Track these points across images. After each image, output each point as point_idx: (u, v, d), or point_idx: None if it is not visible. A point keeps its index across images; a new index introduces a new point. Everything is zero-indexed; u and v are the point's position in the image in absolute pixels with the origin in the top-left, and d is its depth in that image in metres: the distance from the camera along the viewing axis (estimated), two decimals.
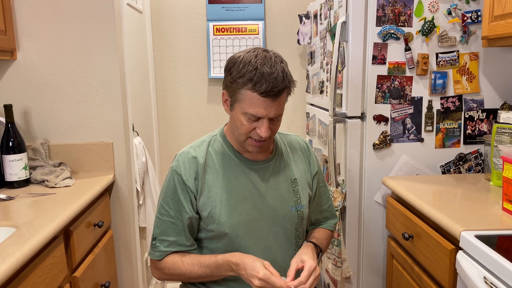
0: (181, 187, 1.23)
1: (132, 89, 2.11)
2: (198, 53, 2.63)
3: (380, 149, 1.76)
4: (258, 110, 1.14)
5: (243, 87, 1.13)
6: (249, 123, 1.16)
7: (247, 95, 1.13)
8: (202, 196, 1.23)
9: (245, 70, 1.12)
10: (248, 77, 1.11)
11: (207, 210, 1.22)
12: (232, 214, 1.22)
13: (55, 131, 1.84)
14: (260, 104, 1.13)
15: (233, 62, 1.17)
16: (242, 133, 1.18)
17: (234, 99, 1.17)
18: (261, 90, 1.11)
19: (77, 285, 1.42)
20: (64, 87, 1.82)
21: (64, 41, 1.79)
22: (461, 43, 1.71)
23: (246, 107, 1.14)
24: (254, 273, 1.10)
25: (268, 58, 1.15)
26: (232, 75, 1.15)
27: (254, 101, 1.13)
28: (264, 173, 1.28)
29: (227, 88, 1.19)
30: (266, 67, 1.12)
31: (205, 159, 1.25)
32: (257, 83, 1.11)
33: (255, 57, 1.14)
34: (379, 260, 1.82)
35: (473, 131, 1.77)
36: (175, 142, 2.69)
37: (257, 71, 1.11)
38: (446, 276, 1.24)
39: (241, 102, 1.15)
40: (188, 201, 1.23)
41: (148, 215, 2.16)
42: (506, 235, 1.13)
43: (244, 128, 1.17)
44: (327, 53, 2.01)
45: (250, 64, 1.13)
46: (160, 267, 1.26)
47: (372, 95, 1.73)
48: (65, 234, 1.40)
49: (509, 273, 0.93)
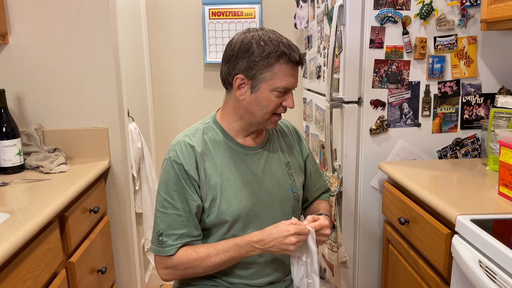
0: (184, 177, 1.20)
1: (127, 74, 2.08)
2: (193, 38, 2.60)
3: (376, 134, 1.75)
4: (290, 80, 1.18)
5: (276, 62, 1.15)
6: (278, 97, 1.19)
7: (280, 69, 1.16)
8: (204, 186, 1.21)
9: (272, 46, 1.15)
10: (280, 50, 1.15)
11: (209, 199, 1.21)
12: (232, 202, 1.21)
13: (49, 117, 1.82)
14: (292, 74, 1.18)
15: (247, 44, 1.16)
16: (269, 111, 1.20)
17: (260, 78, 1.17)
18: (296, 59, 1.17)
19: (73, 270, 1.42)
20: (57, 71, 1.80)
21: (57, 25, 1.76)
22: (460, 27, 1.69)
23: (278, 81, 1.17)
24: (285, 233, 1.11)
25: (276, 33, 1.20)
26: (255, 55, 1.15)
27: (287, 72, 1.17)
28: (260, 158, 1.28)
29: (246, 71, 1.17)
30: (284, 39, 1.18)
31: (202, 147, 1.23)
32: (290, 54, 1.16)
33: (267, 33, 1.19)
34: (375, 245, 1.83)
35: (470, 116, 1.76)
36: (171, 127, 2.67)
37: (283, 44, 1.16)
38: (442, 260, 1.24)
39: (270, 79, 1.17)
40: (193, 190, 1.21)
41: (144, 201, 2.16)
42: (502, 219, 1.13)
43: (273, 105, 1.20)
44: (324, 37, 1.98)
45: (271, 40, 1.16)
46: (172, 265, 1.20)
47: (369, 80, 1.71)
48: (60, 220, 1.39)
49: (504, 256, 0.93)
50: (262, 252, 1.16)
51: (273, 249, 1.13)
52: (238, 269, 1.25)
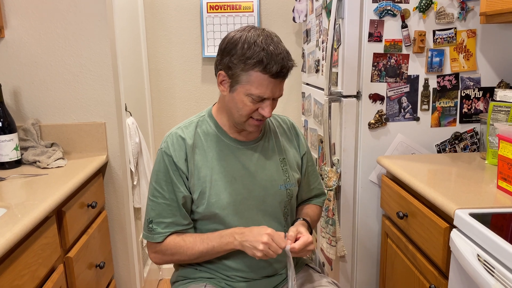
0: (172, 168, 1.22)
1: (124, 68, 2.07)
2: (191, 32, 2.58)
3: (375, 128, 1.74)
4: (266, 91, 1.13)
5: (252, 69, 1.11)
6: (253, 104, 1.15)
7: (255, 77, 1.11)
8: (193, 178, 1.22)
9: (252, 51, 1.10)
10: (258, 58, 1.09)
11: (197, 191, 1.22)
12: (221, 195, 1.22)
13: (46, 111, 1.81)
14: (268, 85, 1.13)
15: (233, 42, 1.13)
16: (244, 114, 1.18)
17: (237, 80, 1.14)
18: (272, 72, 1.10)
19: (71, 266, 1.42)
20: (54, 66, 1.78)
21: (53, 19, 1.75)
22: (459, 20, 1.68)
23: (253, 88, 1.12)
24: (262, 231, 1.14)
25: (270, 38, 1.13)
26: (235, 56, 1.12)
27: (263, 82, 1.12)
28: (253, 153, 1.28)
29: (227, 69, 1.15)
30: (272, 47, 1.11)
31: (193, 140, 1.24)
32: (267, 65, 1.10)
33: (258, 36, 1.12)
34: (374, 239, 1.83)
35: (469, 110, 1.75)
36: (169, 122, 2.66)
37: (266, 52, 1.10)
38: (440, 254, 1.24)
39: (246, 84, 1.13)
40: (181, 182, 1.22)
41: (142, 196, 2.15)
42: (501, 213, 1.13)
43: (247, 109, 1.16)
44: (323, 30, 1.97)
45: (256, 45, 1.10)
46: (161, 250, 1.25)
47: (368, 74, 1.70)
48: (57, 215, 1.39)
49: (502, 250, 0.93)
50: (239, 245, 1.17)
51: (246, 244, 1.15)
52: (235, 261, 1.25)
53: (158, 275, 2.69)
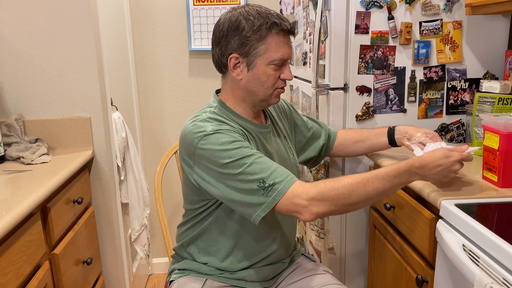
0: (239, 135, 1.14)
1: (110, 62, 2.04)
2: (178, 25, 2.55)
3: (363, 120, 1.75)
4: (285, 51, 1.17)
5: (268, 34, 1.14)
6: (276, 71, 1.18)
7: (272, 40, 1.14)
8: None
9: (262, 19, 1.14)
10: (271, 21, 1.14)
11: None
12: None
13: (30, 106, 1.78)
14: (285, 43, 1.17)
15: (235, 21, 1.15)
16: (270, 85, 1.19)
17: (255, 54, 1.15)
18: (287, 28, 1.16)
19: (57, 262, 1.40)
20: (37, 60, 1.75)
21: (35, 12, 1.71)
22: (445, 11, 1.68)
23: (273, 54, 1.15)
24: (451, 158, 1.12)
25: (262, 7, 1.19)
26: (245, 30, 1.13)
27: (280, 44, 1.16)
28: (269, 136, 1.30)
29: (239, 48, 1.15)
30: (272, 11, 1.17)
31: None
32: (281, 23, 1.15)
33: (253, 7, 1.17)
34: (362, 231, 1.84)
35: (456, 101, 1.76)
36: (156, 116, 2.64)
37: (272, 15, 1.15)
38: (427, 245, 1.25)
39: (265, 53, 1.15)
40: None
41: (130, 191, 2.13)
42: (486, 203, 1.14)
43: (272, 79, 1.18)
44: (310, 23, 1.96)
45: (260, 14, 1.15)
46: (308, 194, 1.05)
47: (355, 66, 1.70)
48: (42, 211, 1.37)
49: (486, 240, 0.94)
50: (420, 179, 1.14)
51: (435, 176, 1.13)
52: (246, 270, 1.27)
53: (148, 270, 2.68)
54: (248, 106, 1.24)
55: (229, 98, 1.24)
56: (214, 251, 1.26)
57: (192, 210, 1.27)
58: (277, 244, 1.29)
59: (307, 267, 1.37)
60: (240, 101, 1.23)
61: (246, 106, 1.24)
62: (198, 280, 1.25)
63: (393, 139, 1.47)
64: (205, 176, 1.14)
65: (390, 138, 1.47)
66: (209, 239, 1.26)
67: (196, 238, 1.28)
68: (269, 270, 1.30)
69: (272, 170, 1.08)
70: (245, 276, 1.26)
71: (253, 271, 1.26)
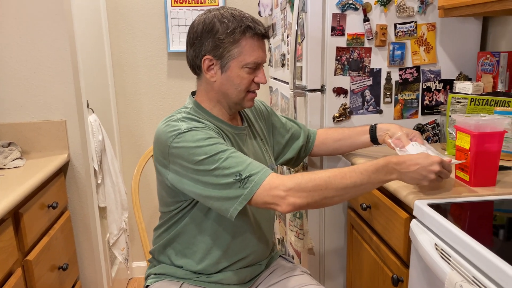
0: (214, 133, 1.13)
1: (86, 64, 2.01)
2: (156, 26, 2.53)
3: (340, 121, 1.76)
4: (259, 55, 1.17)
5: (242, 37, 1.14)
6: (249, 74, 1.17)
7: (246, 44, 1.15)
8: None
9: (236, 22, 1.13)
10: (244, 25, 1.14)
11: None
12: None
13: (2, 110, 1.74)
14: (259, 48, 1.18)
15: (209, 23, 1.14)
16: (243, 88, 1.18)
17: (228, 56, 1.15)
18: (262, 31, 1.16)
19: (30, 269, 1.38)
20: (9, 62, 1.71)
21: (6, 13, 1.67)
22: (419, 14, 1.70)
23: (247, 57, 1.15)
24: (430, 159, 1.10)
25: (237, 10, 1.19)
26: (219, 33, 1.13)
27: (254, 47, 1.16)
28: (246, 138, 1.29)
29: (213, 50, 1.15)
30: (246, 14, 1.18)
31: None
32: (255, 27, 1.15)
33: (228, 10, 1.17)
34: (340, 231, 1.85)
35: (431, 102, 1.79)
36: (135, 118, 2.61)
37: (247, 18, 1.16)
38: (401, 244, 1.26)
39: (239, 56, 1.15)
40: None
41: (107, 195, 2.10)
42: (458, 202, 1.16)
43: (246, 82, 1.18)
44: (288, 24, 1.97)
45: (234, 17, 1.15)
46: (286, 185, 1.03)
47: (331, 68, 1.71)
48: (14, 217, 1.34)
49: (457, 239, 0.95)
50: (397, 178, 1.11)
51: (413, 175, 1.10)
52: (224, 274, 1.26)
53: (127, 274, 2.65)
54: (223, 107, 1.24)
55: (204, 100, 1.24)
56: (191, 253, 1.25)
57: (167, 213, 1.26)
58: (255, 242, 1.29)
59: (285, 269, 1.37)
60: (215, 102, 1.23)
61: (221, 107, 1.24)
62: (174, 285, 1.24)
63: (375, 137, 1.48)
64: (180, 175, 1.12)
65: (372, 136, 1.49)
66: (185, 241, 1.25)
67: (172, 240, 1.27)
68: (246, 272, 1.30)
69: (248, 163, 1.08)
70: (221, 279, 1.25)
71: (230, 273, 1.26)
